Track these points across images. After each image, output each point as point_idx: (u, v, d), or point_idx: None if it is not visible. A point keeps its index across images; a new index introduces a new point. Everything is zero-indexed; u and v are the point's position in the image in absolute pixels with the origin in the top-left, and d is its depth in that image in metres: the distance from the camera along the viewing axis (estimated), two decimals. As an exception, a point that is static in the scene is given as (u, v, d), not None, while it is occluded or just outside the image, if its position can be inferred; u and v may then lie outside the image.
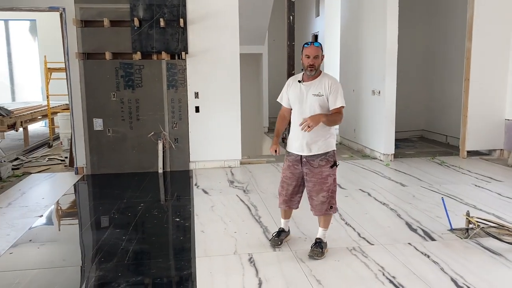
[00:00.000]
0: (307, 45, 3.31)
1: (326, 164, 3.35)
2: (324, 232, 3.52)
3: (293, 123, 3.44)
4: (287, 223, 3.75)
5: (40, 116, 9.25)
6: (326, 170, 3.36)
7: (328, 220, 3.53)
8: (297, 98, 3.37)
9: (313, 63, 3.27)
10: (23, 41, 12.99)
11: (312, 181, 3.38)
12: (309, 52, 3.28)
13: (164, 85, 6.38)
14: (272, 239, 3.68)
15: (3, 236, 4.00)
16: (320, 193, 3.37)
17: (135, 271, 3.31)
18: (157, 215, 4.59)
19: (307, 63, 3.28)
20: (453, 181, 5.63)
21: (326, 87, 3.31)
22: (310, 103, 3.32)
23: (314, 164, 3.35)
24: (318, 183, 3.36)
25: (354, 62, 7.94)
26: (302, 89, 3.36)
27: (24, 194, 5.41)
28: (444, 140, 8.46)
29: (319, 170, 3.35)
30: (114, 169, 6.39)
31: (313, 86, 3.33)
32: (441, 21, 8.39)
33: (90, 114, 6.28)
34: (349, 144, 8.31)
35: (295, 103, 3.39)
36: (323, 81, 3.34)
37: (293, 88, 3.43)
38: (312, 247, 3.46)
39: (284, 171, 3.53)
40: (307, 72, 3.33)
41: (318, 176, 3.36)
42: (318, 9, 10.21)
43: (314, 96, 3.31)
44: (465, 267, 3.23)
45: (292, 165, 3.46)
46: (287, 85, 3.50)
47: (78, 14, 6.08)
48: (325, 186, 3.36)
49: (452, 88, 8.09)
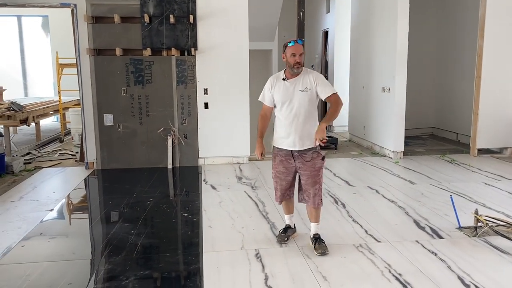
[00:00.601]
0: (292, 44, 3.36)
1: (317, 156, 3.43)
2: (318, 226, 3.59)
3: (281, 121, 3.46)
4: (292, 219, 3.78)
5: (52, 111, 9.35)
6: (319, 162, 3.43)
7: (319, 214, 3.59)
8: (285, 96, 3.40)
9: (299, 61, 3.34)
10: (35, 37, 13.11)
11: (306, 174, 3.43)
12: (295, 50, 3.33)
13: (174, 81, 6.42)
14: (279, 235, 3.72)
15: (15, 229, 4.08)
16: (314, 186, 3.44)
17: (143, 265, 3.35)
18: (165, 210, 4.64)
19: (293, 61, 3.33)
20: (463, 179, 5.59)
21: (312, 81, 3.38)
22: (298, 99, 3.37)
23: (306, 157, 3.41)
24: (311, 175, 3.42)
25: (364, 59, 7.90)
26: (288, 86, 3.41)
27: (35, 188, 5.49)
28: (454, 138, 8.39)
29: (312, 163, 3.41)
30: (124, 164, 6.45)
31: (298, 82, 3.39)
32: (453, 18, 8.31)
33: (101, 110, 6.34)
34: (358, 141, 8.29)
35: (283, 102, 3.41)
36: (306, 76, 3.40)
37: (278, 87, 3.45)
38: (315, 244, 3.49)
39: (277, 166, 3.54)
40: (293, 70, 3.37)
41: (311, 169, 3.41)
42: (328, 5, 10.15)
43: (302, 92, 3.37)
44: (473, 265, 3.22)
45: (285, 160, 3.49)
46: (270, 84, 3.51)
47: (89, 11, 6.14)
48: (317, 178, 3.44)
49: (463, 86, 8.01)
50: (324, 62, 10.47)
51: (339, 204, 4.66)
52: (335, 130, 9.88)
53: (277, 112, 3.49)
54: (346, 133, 9.15)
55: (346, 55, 9.22)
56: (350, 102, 8.79)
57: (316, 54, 11.00)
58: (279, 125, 3.49)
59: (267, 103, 3.54)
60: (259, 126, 3.59)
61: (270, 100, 3.51)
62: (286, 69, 3.46)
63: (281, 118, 3.46)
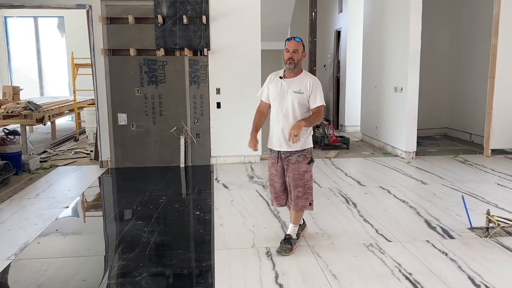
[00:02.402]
0: (288, 40, 3.36)
1: (303, 160, 3.41)
2: (295, 229, 3.57)
3: (272, 120, 3.47)
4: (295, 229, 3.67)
5: (67, 110, 9.50)
6: (303, 166, 3.41)
7: (299, 217, 3.59)
8: (277, 94, 3.40)
9: (291, 56, 3.31)
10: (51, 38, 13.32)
11: (290, 176, 3.44)
12: (288, 46, 3.33)
13: (187, 81, 6.49)
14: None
15: (31, 225, 4.17)
16: (296, 188, 3.43)
17: (156, 261, 3.41)
18: (178, 208, 4.70)
19: (286, 56, 3.32)
20: (476, 180, 5.55)
21: (308, 85, 3.36)
22: (289, 99, 3.35)
23: (291, 160, 3.41)
24: (294, 178, 3.42)
25: (376, 59, 7.89)
26: (283, 85, 3.39)
27: (51, 186, 5.60)
28: (468, 138, 8.32)
29: (297, 166, 3.40)
30: (137, 163, 6.54)
31: (294, 83, 3.37)
32: (467, 17, 8.24)
33: (115, 109, 6.44)
34: (370, 141, 8.27)
35: (275, 99, 3.41)
36: (304, 79, 3.38)
37: (274, 84, 3.44)
38: (281, 243, 3.47)
39: (270, 168, 3.56)
40: (286, 66, 3.36)
41: (295, 172, 3.41)
42: (341, 5, 10.12)
43: (294, 93, 3.35)
44: (484, 265, 3.21)
45: (275, 162, 3.49)
46: (268, 79, 3.51)
47: (104, 11, 6.24)
48: (301, 181, 3.42)
49: (476, 85, 7.94)
50: (336, 62, 10.46)
51: (350, 204, 4.67)
52: (347, 130, 9.86)
53: (271, 110, 3.50)
54: (358, 133, 9.13)
55: (358, 55, 9.21)
56: (362, 102, 8.78)
57: (328, 54, 10.99)
58: (271, 124, 3.50)
59: (264, 99, 3.56)
60: (255, 121, 3.59)
61: (266, 96, 3.52)
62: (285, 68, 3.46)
63: (272, 116, 3.47)
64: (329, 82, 10.99)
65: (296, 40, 3.36)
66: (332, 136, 7.77)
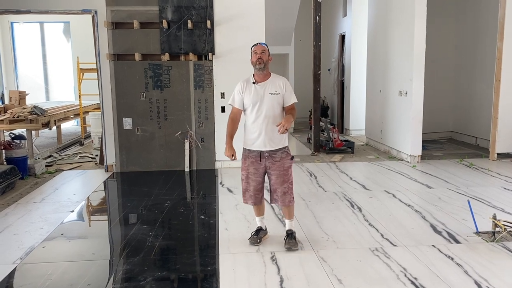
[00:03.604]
0: (255, 45, 3.63)
1: (286, 156, 3.62)
2: (292, 223, 3.74)
3: (251, 123, 3.62)
4: (263, 220, 3.88)
5: (73, 115, 9.54)
6: (287, 162, 3.62)
7: (292, 211, 3.76)
8: (255, 98, 3.57)
9: (260, 57, 3.54)
10: (57, 43, 13.40)
11: (275, 173, 3.59)
12: (256, 49, 3.59)
13: (191, 86, 6.51)
14: (251, 237, 3.78)
15: (37, 229, 4.19)
16: (282, 185, 3.60)
17: (161, 266, 3.42)
18: (183, 212, 4.70)
19: (255, 58, 3.55)
20: (481, 184, 5.52)
21: (281, 86, 3.59)
22: (267, 101, 3.55)
23: (276, 157, 3.58)
24: (280, 175, 3.59)
25: (381, 63, 7.88)
26: (258, 89, 3.59)
27: (56, 190, 5.62)
28: (473, 142, 8.29)
29: (281, 163, 3.59)
30: (142, 167, 6.56)
31: (267, 85, 3.58)
32: (472, 20, 8.22)
33: (120, 114, 6.47)
34: (375, 145, 8.25)
35: (254, 104, 3.58)
36: (276, 81, 3.62)
37: (248, 90, 3.62)
38: (286, 239, 3.65)
39: (248, 168, 3.66)
40: (256, 67, 3.57)
41: (280, 168, 3.58)
42: (345, 9, 10.13)
43: (271, 95, 3.56)
44: (490, 270, 3.19)
45: (256, 161, 3.62)
46: (240, 87, 3.66)
47: (109, 17, 6.28)
48: (286, 177, 3.60)
49: (482, 89, 7.91)
50: (340, 66, 10.46)
51: (355, 208, 4.66)
52: (352, 133, 9.85)
53: (248, 114, 3.65)
54: (363, 137, 9.11)
55: (363, 59, 9.21)
56: (367, 105, 8.77)
57: (333, 58, 11.00)
58: (249, 127, 3.64)
59: (237, 106, 3.69)
60: (229, 129, 3.70)
61: (240, 103, 3.66)
62: (254, 73, 3.64)
63: (251, 120, 3.62)
64: (334, 86, 10.99)
65: (262, 44, 3.65)
66: (337, 140, 7.76)
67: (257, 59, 3.54)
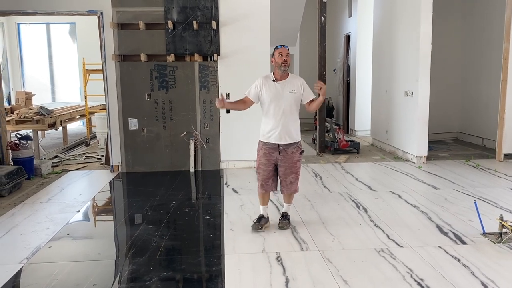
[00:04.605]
0: (280, 47, 3.88)
1: (297, 151, 3.98)
2: (289, 207, 4.18)
3: (269, 118, 3.92)
4: (266, 210, 4.17)
5: (79, 115, 9.59)
6: (296, 156, 3.97)
7: (292, 197, 4.19)
8: (274, 95, 3.87)
9: (286, 59, 3.84)
10: (63, 44, 13.48)
11: (285, 165, 3.95)
12: (282, 51, 3.86)
13: (197, 86, 6.52)
14: (253, 224, 4.07)
15: (43, 229, 4.21)
16: (290, 175, 3.98)
17: (166, 266, 3.42)
18: (188, 213, 4.71)
19: (281, 60, 3.83)
20: (488, 185, 5.49)
21: (299, 86, 3.93)
22: (286, 99, 3.87)
23: (288, 151, 3.93)
24: (289, 167, 3.95)
25: (386, 63, 7.86)
26: (278, 87, 3.89)
27: (62, 190, 5.65)
28: (480, 142, 8.24)
29: (291, 156, 3.94)
30: (147, 168, 6.58)
31: (287, 84, 3.90)
32: (478, 20, 8.18)
33: (126, 114, 6.48)
34: (381, 145, 8.23)
35: (272, 100, 3.88)
36: (294, 81, 3.94)
37: (268, 87, 3.91)
38: (280, 220, 4.09)
39: (261, 158, 4.01)
40: (281, 69, 3.86)
41: (290, 161, 3.95)
42: (350, 9, 10.11)
43: (289, 93, 3.88)
44: (497, 271, 3.17)
45: (269, 153, 3.95)
46: (259, 83, 3.95)
47: (115, 17, 6.30)
48: (294, 169, 3.97)
49: (488, 89, 7.87)
50: (346, 66, 10.44)
51: (361, 209, 4.65)
52: (357, 134, 9.82)
53: (265, 109, 3.96)
54: (369, 138, 9.09)
55: (368, 59, 9.18)
56: (373, 106, 8.74)
57: (338, 58, 10.98)
58: (266, 122, 3.96)
59: (251, 97, 3.99)
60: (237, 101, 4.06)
61: (255, 96, 3.96)
62: (274, 71, 3.93)
63: (270, 114, 3.92)
64: (339, 87, 10.97)
65: (285, 47, 3.91)
66: (342, 140, 7.74)
67: (283, 61, 3.83)
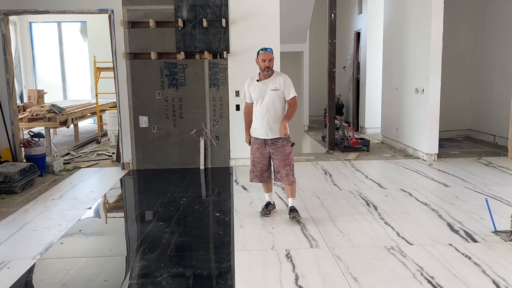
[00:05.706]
0: (262, 51, 4.05)
1: (287, 143, 4.17)
2: (294, 200, 4.30)
3: (256, 115, 4.18)
4: (271, 196, 4.50)
5: (90, 113, 9.68)
6: (288, 148, 4.17)
7: (294, 190, 4.32)
8: (259, 94, 4.12)
9: (269, 65, 4.06)
10: (74, 42, 13.59)
11: (278, 158, 4.17)
12: (265, 57, 4.04)
13: (206, 84, 6.54)
14: (262, 210, 4.39)
15: (56, 226, 4.27)
16: (285, 168, 4.17)
17: (176, 262, 3.45)
18: (198, 210, 4.74)
19: (264, 66, 4.04)
20: (500, 183, 5.44)
21: (281, 82, 4.11)
22: (269, 96, 4.09)
23: (278, 144, 4.15)
24: (282, 159, 4.16)
25: (397, 60, 7.80)
26: (261, 86, 4.12)
27: (74, 187, 5.71)
28: (492, 140, 8.16)
29: (283, 149, 4.15)
30: (158, 165, 6.62)
31: (269, 83, 4.11)
32: (491, 16, 8.08)
33: (136, 112, 6.53)
34: (391, 143, 8.18)
35: (258, 99, 4.14)
36: (277, 78, 4.13)
37: (253, 87, 4.17)
38: (290, 214, 4.20)
39: (254, 152, 4.27)
40: (264, 73, 4.08)
41: (282, 154, 4.16)
42: (361, 6, 10.06)
43: (272, 91, 4.09)
44: (509, 270, 3.14)
45: (261, 147, 4.22)
46: (247, 85, 4.24)
47: (125, 16, 6.34)
48: (287, 161, 4.17)
49: (501, 86, 7.78)
50: (356, 64, 10.39)
51: (371, 207, 4.63)
52: (367, 131, 9.78)
53: (254, 107, 4.22)
54: (379, 135, 9.04)
55: (378, 56, 9.13)
56: (383, 103, 8.69)
57: (348, 56, 10.93)
58: (254, 118, 4.22)
59: (248, 100, 4.28)
60: (245, 120, 4.37)
61: (249, 97, 4.24)
62: (259, 72, 4.14)
63: (256, 112, 4.18)
64: (349, 84, 10.92)
65: (269, 50, 4.07)
66: (352, 138, 7.72)
67: (266, 67, 4.04)
